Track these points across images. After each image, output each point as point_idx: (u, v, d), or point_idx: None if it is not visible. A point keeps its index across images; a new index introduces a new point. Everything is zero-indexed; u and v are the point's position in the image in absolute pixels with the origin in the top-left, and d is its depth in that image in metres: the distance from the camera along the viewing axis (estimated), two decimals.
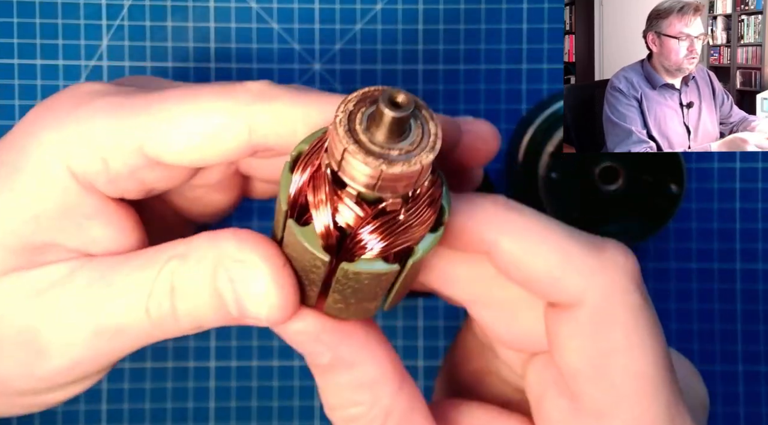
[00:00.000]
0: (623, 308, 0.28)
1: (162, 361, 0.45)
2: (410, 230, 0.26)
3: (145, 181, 0.29)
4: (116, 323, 0.28)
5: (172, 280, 0.27)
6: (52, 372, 0.29)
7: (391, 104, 0.23)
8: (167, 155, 0.27)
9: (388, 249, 0.26)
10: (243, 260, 0.27)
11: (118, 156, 0.27)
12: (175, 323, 0.28)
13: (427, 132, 0.24)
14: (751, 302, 0.46)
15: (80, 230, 0.29)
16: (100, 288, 0.28)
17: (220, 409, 0.46)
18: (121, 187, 0.29)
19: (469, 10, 0.44)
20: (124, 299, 0.28)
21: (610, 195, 0.43)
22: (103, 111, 0.27)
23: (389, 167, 0.24)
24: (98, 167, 0.28)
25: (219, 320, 0.28)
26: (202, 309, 0.28)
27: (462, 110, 0.45)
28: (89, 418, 0.45)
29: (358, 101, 0.25)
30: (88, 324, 0.28)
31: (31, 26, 0.44)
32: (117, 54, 0.44)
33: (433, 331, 0.46)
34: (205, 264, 0.27)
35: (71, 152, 0.27)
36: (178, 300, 0.28)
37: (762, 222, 0.46)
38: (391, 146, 0.24)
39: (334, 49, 0.44)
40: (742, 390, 0.46)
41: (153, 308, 0.28)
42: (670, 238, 0.46)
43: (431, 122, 0.25)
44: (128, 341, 0.29)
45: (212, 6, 0.44)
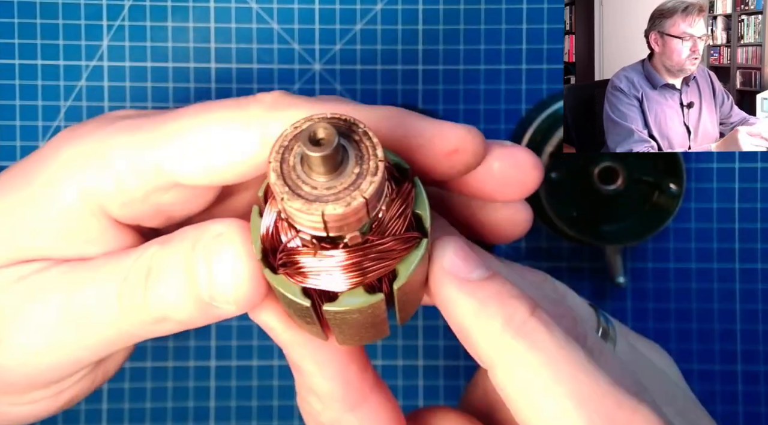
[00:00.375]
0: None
1: (162, 361, 0.46)
2: (383, 256, 0.24)
3: (160, 204, 0.28)
4: (85, 310, 0.27)
5: (150, 263, 0.27)
6: (13, 362, 0.28)
7: (312, 144, 0.21)
8: (181, 171, 0.27)
9: (362, 281, 0.24)
10: (221, 233, 0.26)
11: (131, 174, 0.27)
12: (144, 311, 0.27)
13: (368, 156, 0.22)
14: (751, 301, 0.46)
15: (74, 250, 0.28)
16: (75, 274, 0.28)
17: (221, 408, 0.46)
18: (135, 211, 0.28)
19: (469, 10, 0.44)
20: (98, 284, 0.27)
21: (610, 195, 0.43)
22: (120, 131, 0.28)
23: (329, 208, 0.22)
24: (110, 188, 0.27)
25: (189, 306, 0.27)
26: (173, 292, 0.27)
27: (462, 109, 0.45)
28: (90, 418, 0.45)
29: (291, 139, 0.23)
30: (55, 310, 0.28)
31: (32, 27, 0.44)
32: (117, 54, 0.44)
33: (433, 331, 0.46)
34: (184, 244, 0.27)
35: (85, 168, 0.27)
36: (152, 283, 0.27)
37: (761, 222, 0.46)
38: (329, 185, 0.22)
39: (334, 49, 0.44)
40: (741, 390, 0.46)
41: (125, 293, 0.27)
42: (670, 238, 0.46)
43: (369, 142, 0.23)
44: (93, 333, 0.28)
45: (212, 6, 0.44)
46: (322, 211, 0.22)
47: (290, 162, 0.22)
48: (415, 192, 0.25)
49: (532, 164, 0.28)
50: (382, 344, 0.46)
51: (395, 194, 0.24)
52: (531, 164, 0.28)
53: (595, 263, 0.46)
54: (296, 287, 0.24)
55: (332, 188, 0.22)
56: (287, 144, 0.23)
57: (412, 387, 0.46)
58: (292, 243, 0.24)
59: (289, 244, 0.24)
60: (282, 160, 0.22)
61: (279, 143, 0.23)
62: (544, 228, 0.45)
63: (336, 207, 0.22)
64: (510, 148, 0.28)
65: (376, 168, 0.22)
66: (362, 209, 0.22)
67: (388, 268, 0.24)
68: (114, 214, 0.28)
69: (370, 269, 0.24)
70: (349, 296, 0.24)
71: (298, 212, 0.22)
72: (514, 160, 0.28)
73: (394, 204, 0.24)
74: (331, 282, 0.24)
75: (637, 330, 0.46)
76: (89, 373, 0.31)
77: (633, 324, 0.46)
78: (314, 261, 0.24)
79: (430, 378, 0.46)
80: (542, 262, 0.46)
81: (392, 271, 0.24)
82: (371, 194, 0.22)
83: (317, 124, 0.22)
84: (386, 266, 0.24)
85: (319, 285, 0.24)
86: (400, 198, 0.24)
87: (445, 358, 0.46)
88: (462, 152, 0.27)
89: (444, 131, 0.27)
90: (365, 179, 0.22)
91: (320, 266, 0.24)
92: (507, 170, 0.28)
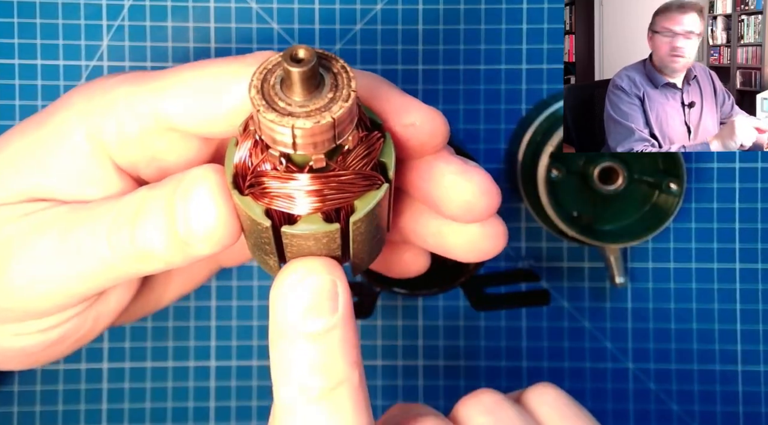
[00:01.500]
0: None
1: (162, 361, 0.46)
2: (343, 187, 0.26)
3: (156, 150, 0.30)
4: (78, 245, 0.29)
5: (137, 204, 0.29)
6: (13, 287, 0.31)
7: (293, 60, 0.23)
8: (174, 115, 0.29)
9: (321, 207, 0.26)
10: (199, 175, 0.28)
11: (131, 118, 0.30)
12: (130, 249, 0.29)
13: (342, 85, 0.25)
14: (751, 302, 0.46)
15: (78, 193, 0.31)
16: (74, 213, 0.30)
17: (220, 409, 0.46)
18: (134, 154, 0.30)
19: (469, 10, 0.44)
20: (92, 222, 0.30)
21: (610, 195, 0.43)
22: (124, 81, 0.30)
23: (299, 122, 0.24)
24: (112, 130, 0.30)
25: (169, 246, 0.28)
26: (156, 231, 0.28)
27: (462, 109, 0.45)
28: (89, 418, 0.45)
29: (275, 64, 0.25)
30: (52, 243, 0.30)
31: (32, 26, 0.44)
32: (117, 54, 0.44)
33: (433, 331, 0.46)
34: (169, 187, 0.29)
35: (92, 113, 0.30)
36: (137, 222, 0.29)
37: (761, 222, 0.46)
38: (303, 104, 0.24)
39: (334, 49, 0.44)
40: (741, 390, 0.46)
41: (114, 231, 0.29)
42: (670, 238, 0.46)
43: (345, 75, 0.25)
44: (84, 266, 0.30)
45: (212, 6, 0.44)
46: (292, 124, 0.24)
47: (271, 82, 0.24)
48: (384, 144, 0.27)
49: (485, 189, 0.30)
50: (382, 344, 0.46)
51: (364, 137, 0.26)
52: (483, 188, 0.30)
53: (595, 263, 0.46)
54: (259, 209, 0.26)
55: (305, 106, 0.24)
56: (271, 68, 0.25)
57: (412, 387, 0.46)
58: (262, 168, 0.26)
59: (259, 167, 0.26)
60: (264, 79, 0.25)
61: (263, 65, 0.25)
62: (544, 228, 0.45)
63: (306, 122, 0.24)
64: (468, 167, 0.30)
65: (348, 96, 0.24)
66: (330, 130, 0.24)
67: (347, 200, 0.26)
68: (115, 157, 0.31)
69: (330, 197, 0.26)
70: (307, 222, 0.26)
71: (271, 123, 0.24)
72: (468, 177, 0.30)
73: (361, 144, 0.26)
74: (293, 205, 0.26)
75: (637, 330, 0.46)
76: (79, 314, 0.33)
77: (633, 324, 0.46)
78: (279, 183, 0.26)
79: (430, 378, 0.46)
80: (542, 262, 0.46)
81: (351, 206, 0.26)
82: (340, 116, 0.24)
83: (299, 46, 0.24)
84: (345, 198, 0.26)
85: (280, 206, 0.26)
86: (368, 141, 0.26)
87: (445, 358, 0.46)
88: (418, 129, 0.29)
89: (409, 104, 0.29)
90: (336, 103, 0.24)
91: (284, 187, 0.26)
92: (457, 185, 0.30)
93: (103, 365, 0.45)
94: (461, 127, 0.45)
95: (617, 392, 0.46)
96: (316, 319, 0.27)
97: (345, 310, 0.27)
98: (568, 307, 0.46)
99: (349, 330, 0.27)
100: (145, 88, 0.30)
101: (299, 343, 0.27)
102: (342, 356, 0.27)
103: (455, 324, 0.46)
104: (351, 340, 0.27)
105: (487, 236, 0.32)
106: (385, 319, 0.46)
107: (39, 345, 0.33)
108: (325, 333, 0.27)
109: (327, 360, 0.27)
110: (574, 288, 0.46)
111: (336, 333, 0.27)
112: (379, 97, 0.29)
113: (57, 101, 0.32)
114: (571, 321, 0.46)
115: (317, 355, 0.27)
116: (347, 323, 0.27)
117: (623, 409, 0.46)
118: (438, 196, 0.30)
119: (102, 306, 0.34)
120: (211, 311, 0.46)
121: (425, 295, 0.45)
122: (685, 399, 0.46)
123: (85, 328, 0.34)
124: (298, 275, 0.27)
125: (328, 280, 0.27)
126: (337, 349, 0.27)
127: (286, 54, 0.23)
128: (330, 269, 0.27)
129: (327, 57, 0.25)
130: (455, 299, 0.46)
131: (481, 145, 0.45)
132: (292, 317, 0.27)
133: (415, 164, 0.30)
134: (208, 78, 0.29)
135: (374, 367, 0.46)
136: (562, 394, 0.33)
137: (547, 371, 0.46)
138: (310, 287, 0.27)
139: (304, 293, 0.27)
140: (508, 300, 0.45)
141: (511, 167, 0.45)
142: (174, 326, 0.46)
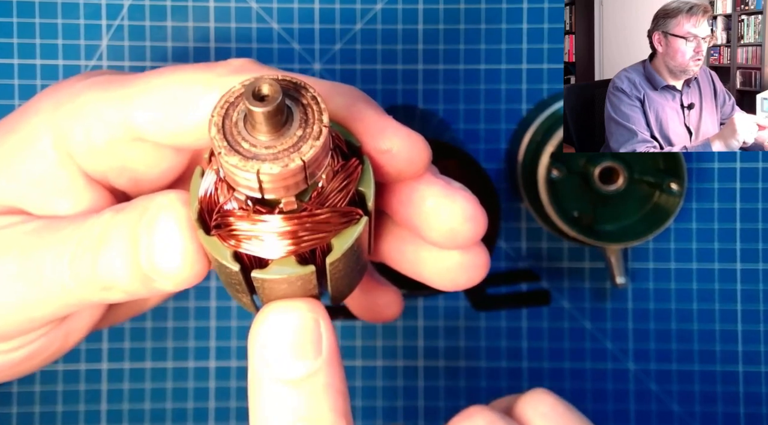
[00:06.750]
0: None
1: (162, 361, 0.45)
2: (319, 227, 0.23)
3: (125, 160, 0.29)
4: (39, 270, 0.27)
5: (101, 229, 0.27)
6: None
7: (256, 98, 0.21)
8: (143, 125, 0.27)
9: (296, 250, 0.23)
10: (167, 205, 0.25)
11: (99, 125, 0.28)
12: (92, 278, 0.27)
13: (313, 120, 0.22)
14: (752, 302, 0.46)
15: (47, 204, 0.29)
16: (39, 233, 0.28)
17: (220, 409, 0.46)
18: (102, 163, 0.29)
19: (469, 10, 0.44)
20: (55, 246, 0.27)
21: (611, 195, 0.43)
22: (93, 85, 0.28)
23: (265, 167, 0.21)
24: (80, 137, 0.28)
25: (132, 278, 0.26)
26: (118, 261, 0.26)
27: (462, 109, 0.45)
28: (89, 418, 0.45)
29: (237, 96, 0.22)
30: (14, 265, 0.28)
31: (31, 26, 0.44)
32: (117, 54, 0.44)
33: (433, 331, 0.46)
34: (134, 213, 0.26)
35: (60, 118, 0.28)
36: (100, 250, 0.26)
37: (762, 222, 0.46)
38: (270, 144, 0.21)
39: (334, 49, 0.44)
40: (742, 390, 0.46)
41: (76, 258, 0.27)
42: (671, 238, 0.46)
43: (316, 107, 0.22)
44: (46, 293, 0.28)
45: (212, 6, 0.44)
46: (258, 169, 0.21)
47: (233, 118, 0.22)
48: (362, 170, 0.25)
49: (469, 215, 0.27)
50: (383, 345, 0.46)
51: (340, 168, 0.24)
52: (467, 214, 0.27)
53: (595, 263, 0.46)
54: (227, 251, 0.24)
55: (272, 147, 0.21)
56: (233, 101, 0.22)
57: (412, 387, 0.46)
58: (229, 206, 0.24)
59: (225, 206, 0.24)
60: (225, 115, 0.22)
61: (225, 99, 0.22)
62: (544, 228, 0.45)
63: (273, 167, 0.21)
64: (452, 189, 0.28)
65: (320, 133, 0.22)
66: (300, 173, 0.22)
67: (323, 240, 0.24)
68: (84, 166, 0.29)
69: (304, 239, 0.23)
70: (279, 264, 0.24)
71: (234, 168, 0.21)
72: (451, 201, 0.27)
73: (337, 177, 0.24)
74: (263, 249, 0.23)
75: (637, 330, 0.46)
76: (46, 334, 0.31)
77: (633, 324, 0.46)
78: (247, 225, 0.23)
79: (430, 379, 0.46)
80: (542, 262, 0.46)
81: (327, 245, 0.24)
82: (310, 157, 0.21)
83: (263, 80, 0.21)
84: (321, 239, 0.23)
85: (249, 250, 0.23)
86: (344, 172, 0.24)
87: (445, 358, 0.46)
88: (395, 156, 0.26)
89: (385, 127, 0.26)
90: (306, 143, 0.21)
91: (253, 230, 0.23)
92: (440, 210, 0.27)
93: (102, 365, 0.45)
94: (461, 127, 0.45)
95: (618, 392, 0.46)
96: (298, 363, 0.25)
97: (330, 353, 0.25)
98: (569, 307, 0.46)
99: (335, 375, 0.25)
100: (113, 94, 0.28)
101: (280, 390, 0.25)
102: (328, 405, 0.25)
103: (455, 324, 0.46)
104: (337, 387, 0.25)
105: (466, 268, 0.29)
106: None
107: (5, 364, 0.31)
108: (308, 379, 0.25)
109: (311, 410, 0.25)
110: (574, 289, 0.46)
111: (320, 378, 0.25)
112: (354, 117, 0.26)
113: (27, 103, 0.30)
114: (572, 322, 0.46)
115: (300, 404, 0.25)
116: (332, 367, 0.25)
117: (624, 410, 0.46)
118: (419, 222, 0.28)
119: (73, 323, 0.32)
120: (210, 311, 0.45)
121: (425, 295, 0.45)
122: (686, 399, 0.46)
123: (55, 345, 0.32)
124: (277, 315, 0.25)
125: (310, 319, 0.25)
126: (321, 397, 0.25)
127: (248, 90, 0.21)
128: (312, 306, 0.25)
129: (296, 87, 0.22)
130: (455, 300, 0.46)
131: (481, 145, 0.45)
132: (272, 361, 0.25)
133: (396, 187, 0.28)
134: (177, 88, 0.27)
135: (374, 367, 0.46)
136: (559, 402, 0.30)
137: (547, 371, 0.46)
138: (290, 327, 0.25)
139: (284, 335, 0.25)
140: (509, 300, 0.45)
141: (511, 167, 0.45)
142: (173, 326, 0.45)
